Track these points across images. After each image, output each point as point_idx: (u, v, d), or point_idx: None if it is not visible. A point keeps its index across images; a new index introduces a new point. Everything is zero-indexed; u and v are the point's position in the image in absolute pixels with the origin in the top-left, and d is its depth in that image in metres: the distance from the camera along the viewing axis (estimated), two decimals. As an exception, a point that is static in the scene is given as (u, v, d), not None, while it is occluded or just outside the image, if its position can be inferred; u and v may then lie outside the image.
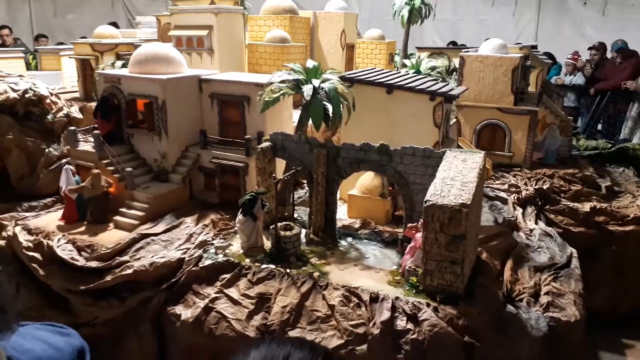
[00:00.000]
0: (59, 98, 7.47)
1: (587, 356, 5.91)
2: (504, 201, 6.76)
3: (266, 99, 5.56)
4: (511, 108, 7.92)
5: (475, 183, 4.48)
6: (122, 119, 6.34)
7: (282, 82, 5.70)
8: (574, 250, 5.77)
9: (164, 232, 5.56)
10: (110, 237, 5.52)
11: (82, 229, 5.74)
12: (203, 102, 6.49)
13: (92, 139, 6.20)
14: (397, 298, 4.37)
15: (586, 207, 7.01)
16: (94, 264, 5.08)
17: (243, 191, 6.11)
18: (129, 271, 4.93)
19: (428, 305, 4.28)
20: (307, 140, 5.51)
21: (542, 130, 8.45)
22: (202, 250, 5.19)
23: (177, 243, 5.36)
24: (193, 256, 5.09)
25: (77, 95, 9.29)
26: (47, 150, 6.96)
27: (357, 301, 4.42)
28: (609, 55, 13.16)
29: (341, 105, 5.54)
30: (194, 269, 4.98)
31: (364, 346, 4.14)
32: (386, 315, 4.22)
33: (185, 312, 4.70)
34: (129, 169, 5.97)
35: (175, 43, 7.56)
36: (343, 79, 5.94)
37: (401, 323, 4.19)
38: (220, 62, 7.61)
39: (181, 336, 4.67)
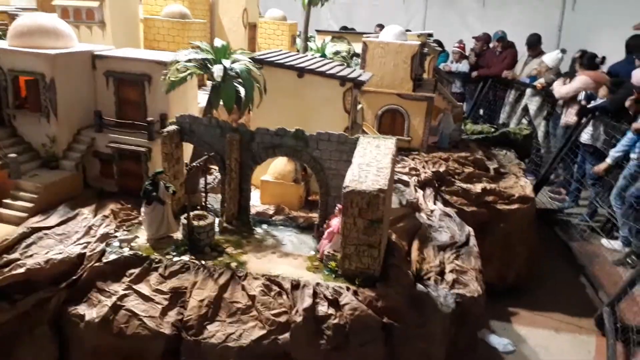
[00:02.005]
0: None
1: (483, 325, 6.48)
2: (406, 184, 7.08)
3: (172, 79, 5.23)
4: (410, 94, 8.27)
5: (389, 168, 4.62)
6: (1, 99, 5.61)
7: (189, 61, 5.40)
8: (471, 229, 6.21)
9: (58, 224, 5.06)
10: (-6, 233, 4.90)
11: (-43, 224, 5.03)
12: (97, 80, 5.95)
13: (-37, 121, 5.43)
14: (317, 284, 4.41)
15: (478, 188, 7.57)
16: (-25, 264, 4.48)
17: (145, 178, 5.74)
18: (21, 270, 4.43)
19: (348, 289, 4.37)
20: (218, 123, 5.30)
21: (437, 116, 8.95)
22: (104, 244, 4.82)
23: (74, 237, 4.92)
24: (95, 251, 4.70)
25: None
26: None
27: (278, 290, 4.39)
28: (491, 45, 14.26)
29: (253, 88, 5.39)
30: (96, 264, 4.60)
31: (287, 335, 4.14)
32: (308, 302, 4.24)
33: (89, 312, 4.34)
34: (12, 155, 5.33)
35: (61, 14, 6.83)
36: (253, 60, 5.77)
37: (323, 309, 4.24)
38: (114, 37, 7.04)
39: (86, 338, 4.31)
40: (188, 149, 5.62)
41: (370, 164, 4.62)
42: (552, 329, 7.12)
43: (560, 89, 10.57)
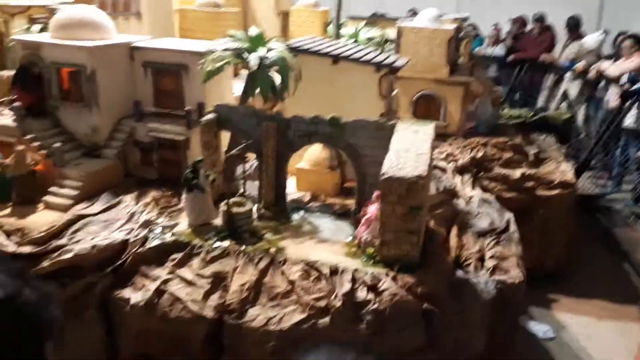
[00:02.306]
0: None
1: (523, 312, 6.39)
2: (443, 170, 7.01)
3: (208, 69, 5.30)
4: (446, 79, 8.15)
5: (429, 154, 4.58)
6: (44, 90, 5.80)
7: (225, 50, 5.45)
8: (511, 215, 6.10)
9: (102, 211, 5.22)
10: (42, 219, 5.10)
11: (8, 211, 5.25)
12: (135, 71, 6.07)
13: (11, 112, 5.63)
14: (356, 270, 4.43)
15: (517, 173, 7.44)
16: (27, 249, 4.68)
17: (184, 166, 5.85)
18: (69, 255, 4.60)
19: (387, 275, 4.37)
20: (255, 112, 5.34)
21: (473, 101, 8.80)
22: (147, 230, 4.94)
23: (118, 223, 5.06)
24: (138, 237, 4.83)
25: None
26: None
27: (317, 275, 4.43)
28: (528, 27, 13.88)
29: (289, 76, 5.40)
30: (140, 250, 4.73)
31: (326, 319, 4.18)
32: (347, 287, 4.27)
33: (134, 296, 4.47)
34: (57, 144, 5.51)
35: (99, 6, 6.96)
36: (288, 48, 5.78)
37: (362, 294, 4.26)
38: (150, 27, 7.15)
39: (131, 321, 4.46)
40: (225, 137, 5.70)
41: (409, 150, 4.59)
42: (594, 316, 6.96)
43: (613, 68, 10.18)
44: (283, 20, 9.51)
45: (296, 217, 5.47)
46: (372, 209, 4.78)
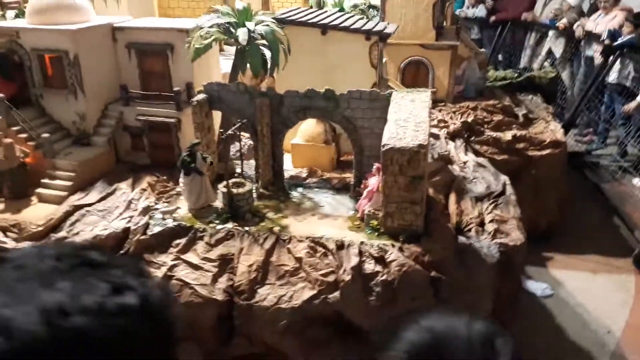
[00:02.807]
0: None
1: (522, 272, 6.52)
2: (436, 136, 7.01)
3: (196, 46, 5.17)
4: (433, 44, 8.07)
5: (428, 122, 4.57)
6: (26, 79, 5.61)
7: (212, 26, 5.30)
8: (506, 178, 6.17)
9: (99, 201, 5.15)
10: (38, 213, 5.01)
11: (1, 207, 5.13)
12: (119, 53, 5.91)
13: (-7, 104, 5.45)
14: (362, 243, 4.45)
15: (508, 135, 7.48)
16: (26, 244, 4.58)
17: (176, 149, 5.78)
18: (70, 248, 4.52)
19: (393, 246, 4.40)
20: (247, 89, 5.25)
21: (460, 65, 8.75)
22: (147, 216, 4.88)
23: (116, 212, 4.99)
24: (139, 224, 4.78)
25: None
26: None
27: (324, 251, 4.44)
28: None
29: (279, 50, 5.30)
30: (142, 237, 4.69)
31: (337, 293, 4.21)
32: (355, 260, 4.29)
33: (141, 284, 4.44)
34: (45, 135, 5.36)
35: (73, -14, 6.69)
36: (276, 20, 5.65)
37: (369, 266, 4.29)
38: (129, 6, 6.91)
39: (140, 309, 4.44)
40: (216, 117, 5.60)
41: (407, 119, 4.57)
42: (589, 271, 7.14)
43: (591, 25, 10.16)
44: (263, -9, 9.28)
45: (295, 194, 5.45)
46: (373, 181, 4.78)
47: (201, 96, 5.27)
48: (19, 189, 5.23)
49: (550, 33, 11.61)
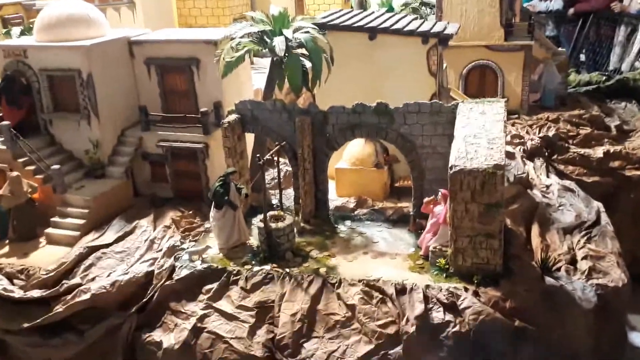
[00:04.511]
0: None
1: (626, 320, 6.27)
2: (511, 155, 6.92)
3: (227, 60, 5.32)
4: (502, 45, 8.06)
5: (504, 138, 4.54)
6: (34, 103, 5.89)
7: (244, 36, 5.46)
8: (600, 204, 6.02)
9: (117, 241, 5.29)
10: (47, 256, 5.18)
11: (6, 250, 5.34)
12: (137, 70, 6.15)
13: (-2, 133, 5.73)
14: (427, 286, 4.40)
15: (599, 152, 7.33)
16: (36, 293, 4.74)
17: (204, 179, 5.92)
18: (86, 296, 4.65)
19: (466, 290, 4.33)
20: (285, 107, 5.36)
21: (535, 68, 8.69)
22: (172, 258, 4.99)
23: (137, 254, 5.12)
24: (163, 267, 4.88)
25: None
26: None
27: (381, 296, 4.41)
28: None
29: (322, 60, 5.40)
30: (167, 283, 4.78)
31: (399, 349, 4.16)
32: (419, 308, 4.24)
33: (167, 338, 4.52)
34: (55, 167, 5.58)
35: (85, -2, 7.05)
36: (316, 26, 5.77)
37: (438, 315, 4.23)
38: (145, 17, 7.21)
39: (166, 368, 4.50)
40: (248, 140, 5.73)
41: (478, 135, 4.55)
42: None
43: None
44: (297, -7, 9.52)
45: (343, 228, 5.47)
46: (439, 211, 4.75)
47: (233, 117, 5.41)
48: (27, 229, 5.43)
49: (645, 25, 11.39)
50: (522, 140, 7.36)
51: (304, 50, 5.37)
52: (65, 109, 5.97)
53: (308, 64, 5.43)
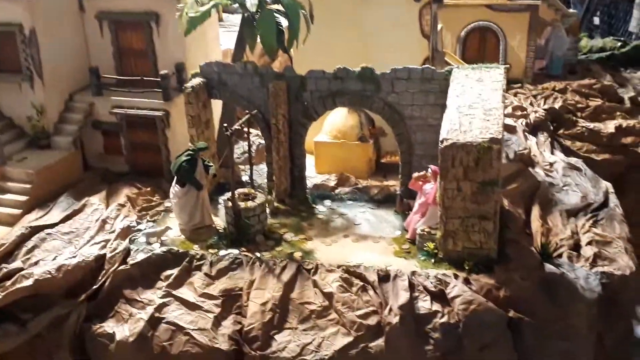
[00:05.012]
0: None
1: (634, 313, 6.43)
2: (512, 129, 7.02)
3: (190, 15, 5.31)
4: (505, 4, 8.12)
5: (502, 109, 4.61)
6: (-32, 62, 5.85)
7: (210, -11, 5.44)
8: (609, 185, 6.15)
9: (63, 220, 5.31)
10: (-16, 237, 5.18)
11: (-64, 230, 5.33)
12: (88, 26, 6.11)
13: None
14: (413, 273, 4.49)
15: (610, 126, 7.45)
16: (-30, 278, 4.76)
17: (164, 152, 5.94)
18: (28, 282, 4.67)
19: (456, 276, 4.43)
20: (257, 70, 5.37)
21: (542, 32, 8.76)
22: (127, 240, 5.02)
23: (86, 235, 5.15)
24: (117, 250, 4.91)
25: None
26: None
27: (361, 284, 4.49)
28: None
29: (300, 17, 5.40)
30: (121, 268, 4.81)
31: (380, 341, 4.25)
32: (404, 297, 4.33)
33: (120, 330, 4.56)
34: (-7, 136, 5.57)
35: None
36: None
37: (424, 304, 4.32)
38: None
39: (120, 363, 4.55)
40: (216, 107, 5.74)
41: (474, 105, 4.61)
42: None
43: None
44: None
45: (322, 208, 5.53)
46: (429, 189, 4.82)
47: (197, 81, 5.41)
48: (-39, 206, 5.40)
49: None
50: (525, 112, 7.46)
51: (279, 6, 5.38)
52: (4, 69, 5.93)
53: (284, 22, 5.43)
